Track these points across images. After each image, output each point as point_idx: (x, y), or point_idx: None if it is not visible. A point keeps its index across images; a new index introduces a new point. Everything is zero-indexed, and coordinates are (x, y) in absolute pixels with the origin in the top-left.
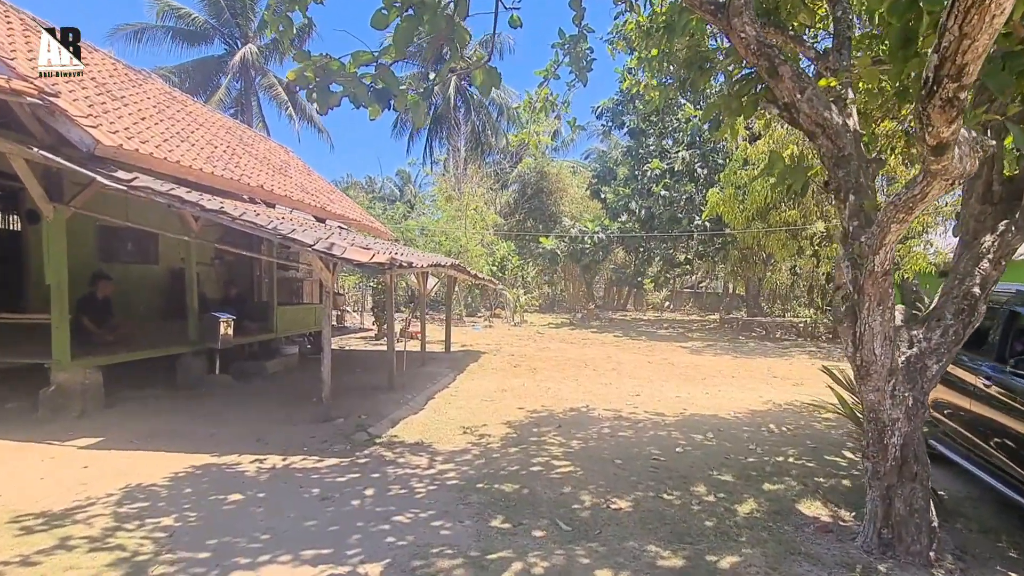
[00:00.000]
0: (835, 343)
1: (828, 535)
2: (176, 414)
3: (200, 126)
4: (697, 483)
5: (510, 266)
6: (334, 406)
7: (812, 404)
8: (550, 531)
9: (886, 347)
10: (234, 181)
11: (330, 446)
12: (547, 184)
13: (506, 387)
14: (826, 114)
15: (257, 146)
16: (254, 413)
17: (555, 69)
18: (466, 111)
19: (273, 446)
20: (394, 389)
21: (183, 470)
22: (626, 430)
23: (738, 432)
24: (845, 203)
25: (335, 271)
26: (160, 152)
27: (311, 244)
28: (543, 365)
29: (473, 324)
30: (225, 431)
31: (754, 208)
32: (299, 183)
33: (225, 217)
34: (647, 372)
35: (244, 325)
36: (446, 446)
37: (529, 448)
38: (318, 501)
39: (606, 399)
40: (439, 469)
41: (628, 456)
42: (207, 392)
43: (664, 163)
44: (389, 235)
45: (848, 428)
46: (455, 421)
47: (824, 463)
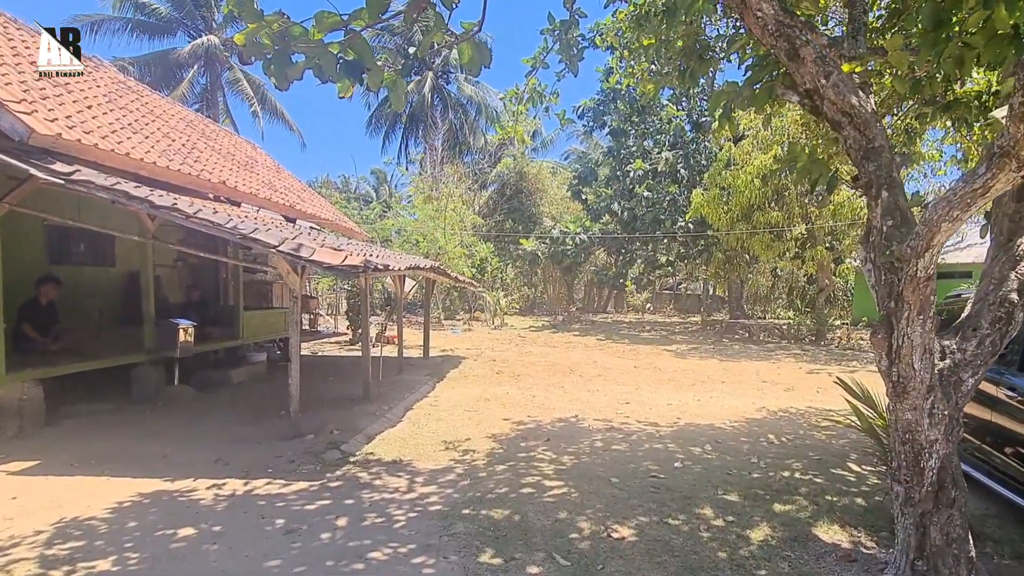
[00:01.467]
0: (819, 346)
1: (853, 564)
2: (127, 432)
3: (156, 118)
4: (702, 505)
5: (490, 268)
6: (304, 420)
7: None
8: (547, 567)
9: (926, 360)
10: (193, 177)
11: (298, 467)
12: (526, 184)
13: (489, 396)
14: (854, 101)
15: (220, 141)
16: (215, 429)
17: (544, 57)
18: (443, 109)
19: (234, 468)
20: (370, 399)
21: (129, 499)
22: (619, 443)
23: (737, 444)
24: (877, 200)
25: (303, 274)
26: (107, 144)
27: (275, 245)
28: (527, 371)
29: (452, 327)
30: (181, 451)
31: (738, 209)
32: (267, 180)
33: (178, 215)
34: (635, 378)
35: (207, 331)
36: (427, 464)
37: (518, 466)
38: (282, 535)
39: (595, 408)
40: (420, 492)
41: (625, 473)
42: (164, 406)
43: (647, 164)
44: (364, 236)
45: (851, 438)
46: (436, 435)
47: (832, 478)
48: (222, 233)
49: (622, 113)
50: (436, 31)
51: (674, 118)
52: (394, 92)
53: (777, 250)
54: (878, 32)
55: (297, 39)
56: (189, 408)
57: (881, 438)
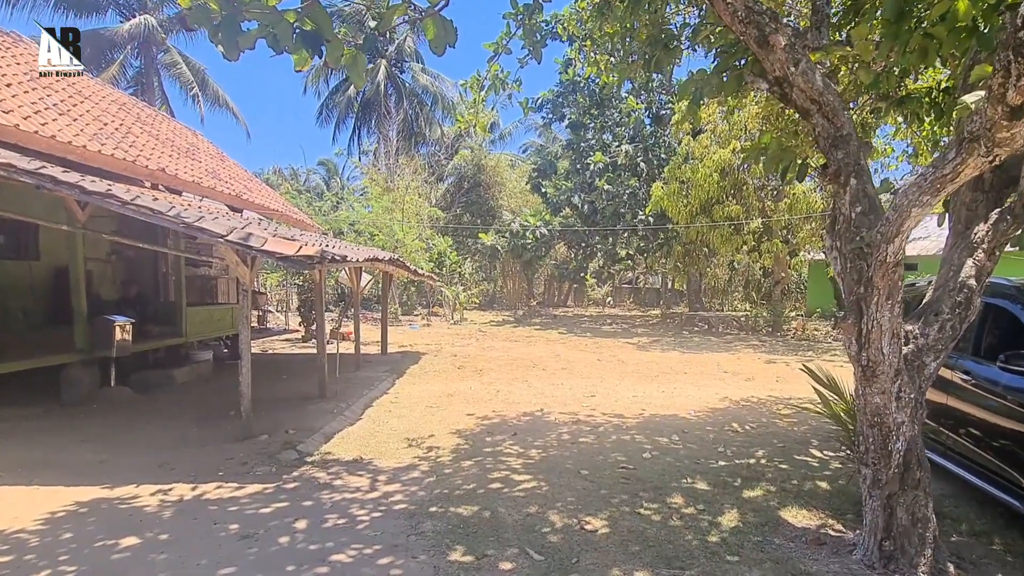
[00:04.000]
0: (776, 337)
1: (822, 547)
2: (59, 438)
3: (86, 99)
4: (673, 494)
5: (448, 262)
6: (256, 420)
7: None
8: (520, 563)
9: (894, 345)
10: (128, 163)
11: (252, 469)
12: (484, 177)
13: (452, 391)
14: (822, 89)
15: (158, 126)
16: (159, 433)
17: (506, 43)
18: (397, 99)
19: (181, 472)
20: (326, 398)
21: (62, 509)
22: (587, 435)
23: (703, 433)
24: (846, 187)
25: (254, 266)
26: (29, 125)
27: (223, 234)
28: (489, 366)
29: (410, 323)
30: (121, 456)
31: (698, 203)
32: (210, 169)
33: (114, 201)
34: (598, 371)
35: (147, 329)
36: (389, 462)
37: (484, 461)
38: (237, 540)
39: (560, 401)
40: (383, 491)
41: (594, 465)
42: (100, 409)
43: (607, 157)
44: (317, 228)
45: (812, 424)
46: (398, 432)
47: (796, 464)
48: (163, 222)
49: (581, 106)
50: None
51: (633, 111)
52: (354, 69)
53: (735, 243)
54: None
55: (248, 4)
56: (128, 411)
57: (846, 423)
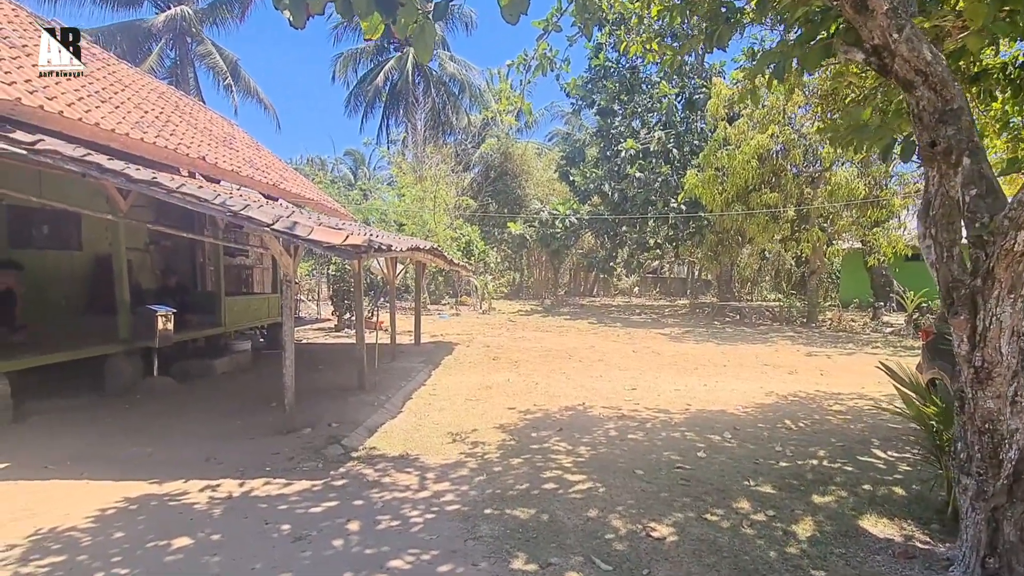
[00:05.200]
0: (811, 328)
1: (912, 561)
2: (104, 429)
3: (126, 87)
4: (738, 497)
5: (476, 251)
6: (298, 412)
7: (876, 405)
8: (587, 572)
9: (1013, 344)
10: (169, 151)
11: (298, 464)
12: (511, 166)
13: (490, 383)
14: (929, 58)
15: (196, 115)
16: (201, 424)
17: (557, 19)
18: (425, 87)
19: (227, 467)
20: (365, 389)
21: (112, 505)
22: (635, 431)
23: (756, 431)
24: (957, 168)
25: (297, 256)
26: (73, 112)
27: (269, 223)
28: (524, 357)
29: (439, 313)
30: (166, 449)
31: (734, 190)
32: (247, 158)
33: (160, 189)
34: (636, 363)
35: (186, 319)
36: (436, 459)
37: (534, 458)
38: (291, 543)
39: (602, 395)
40: (434, 490)
41: (648, 465)
42: (143, 399)
43: (639, 143)
44: (351, 217)
45: (868, 422)
46: (441, 426)
47: (862, 466)
48: (211, 210)
49: (610, 92)
50: None
51: (665, 96)
52: (421, 40)
53: (772, 232)
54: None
55: None
56: (171, 401)
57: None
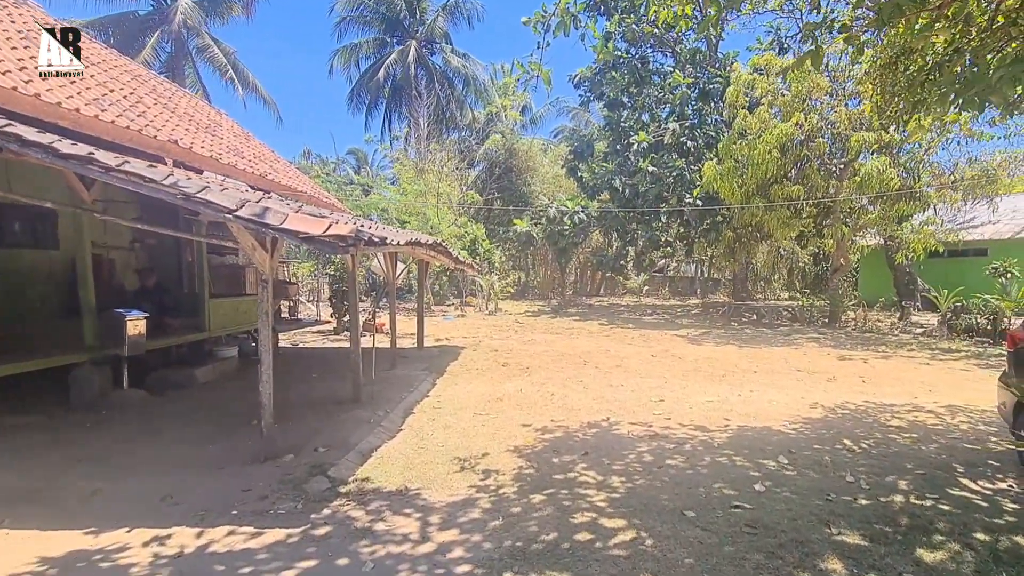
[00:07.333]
0: (835, 328)
1: None
2: (55, 454)
3: (92, 65)
4: (825, 554)
5: (481, 249)
6: (282, 432)
7: (940, 420)
8: None
9: None
10: (134, 132)
11: (273, 505)
12: (516, 162)
13: (500, 394)
14: None
15: (177, 101)
16: (168, 448)
17: None
18: (428, 82)
19: (186, 509)
20: (361, 402)
21: (28, 570)
22: (672, 455)
23: (813, 454)
24: None
25: (275, 251)
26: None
27: (232, 209)
28: (535, 363)
29: (443, 314)
30: (119, 483)
31: (754, 183)
32: (232, 146)
33: (96, 168)
34: (657, 368)
35: (166, 323)
36: (441, 494)
37: (559, 494)
38: None
39: (627, 408)
40: (439, 542)
41: (698, 503)
42: (109, 416)
43: (651, 136)
44: (350, 213)
45: (940, 442)
46: (446, 449)
47: (959, 503)
48: (157, 192)
49: (618, 83)
50: None
51: (677, 87)
52: None
53: (794, 227)
54: None
55: None
56: (140, 418)
57: None
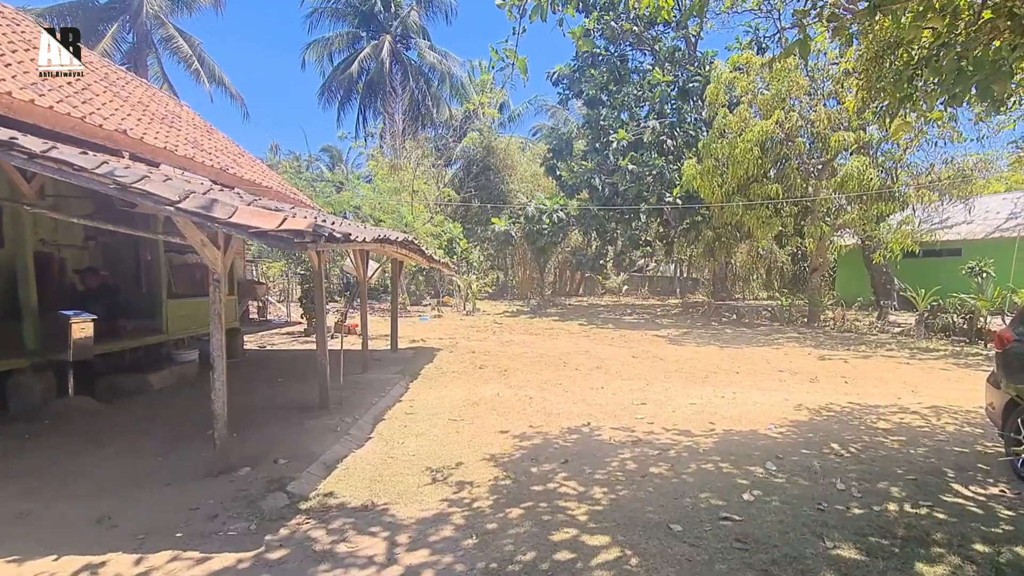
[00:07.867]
0: (814, 328)
1: None
2: None
3: (32, 47)
4: (820, 570)
5: (459, 249)
6: (240, 442)
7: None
8: None
9: None
10: (76, 120)
11: (224, 525)
12: (494, 161)
13: (476, 398)
14: None
15: (131, 90)
16: (111, 462)
17: None
18: (403, 77)
19: (124, 531)
20: (328, 409)
21: None
22: (656, 463)
23: (802, 459)
24: None
25: (228, 248)
26: None
27: (174, 201)
28: (513, 364)
29: (420, 315)
30: (51, 503)
31: (735, 182)
32: (191, 138)
33: (17, 153)
34: (638, 370)
35: (119, 325)
36: (410, 509)
37: (537, 507)
38: None
39: (608, 412)
40: (407, 564)
41: (685, 515)
42: (50, 426)
43: (630, 134)
44: (319, 209)
45: (927, 444)
46: (418, 458)
47: (954, 511)
48: (89, 181)
49: (597, 81)
50: None
51: (656, 85)
52: None
53: (774, 226)
54: None
55: None
56: (84, 429)
57: None
